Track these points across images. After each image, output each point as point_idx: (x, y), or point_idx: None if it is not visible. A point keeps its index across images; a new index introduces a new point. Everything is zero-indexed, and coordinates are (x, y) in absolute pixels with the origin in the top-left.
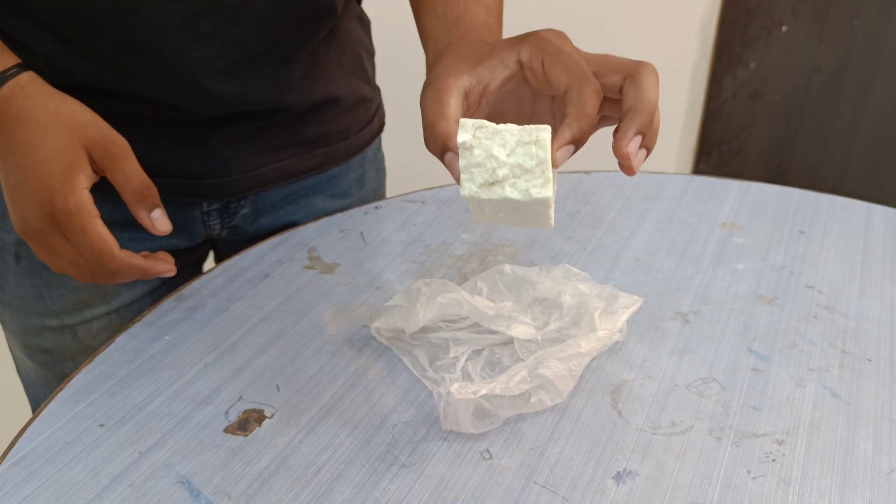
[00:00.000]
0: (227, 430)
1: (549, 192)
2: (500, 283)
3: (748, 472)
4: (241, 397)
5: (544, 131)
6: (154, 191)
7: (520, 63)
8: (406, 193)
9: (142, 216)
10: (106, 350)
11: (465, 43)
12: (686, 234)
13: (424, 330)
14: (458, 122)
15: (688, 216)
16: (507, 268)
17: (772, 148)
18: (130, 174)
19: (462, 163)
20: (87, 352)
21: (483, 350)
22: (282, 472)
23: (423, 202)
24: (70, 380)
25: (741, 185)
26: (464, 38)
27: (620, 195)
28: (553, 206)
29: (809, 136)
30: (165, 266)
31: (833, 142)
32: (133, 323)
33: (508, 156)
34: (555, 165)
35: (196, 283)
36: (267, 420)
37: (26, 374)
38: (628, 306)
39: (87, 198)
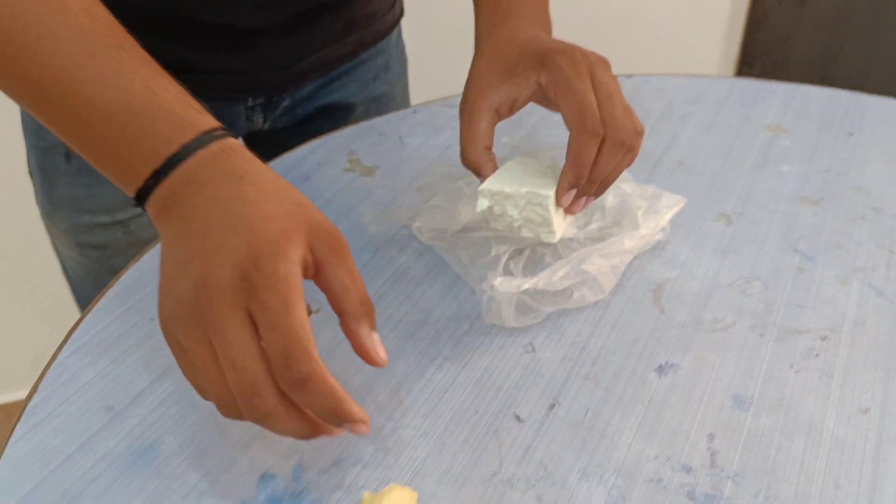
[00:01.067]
0: None
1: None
2: None
3: (790, 366)
4: None
5: (546, 197)
6: (373, 305)
7: (539, 84)
8: (444, 98)
9: (363, 333)
10: (152, 250)
11: (497, 46)
12: (729, 136)
13: (466, 229)
14: (488, 149)
15: (731, 119)
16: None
17: (817, 58)
18: (357, 275)
19: (486, 215)
20: (138, 245)
21: (525, 249)
22: (329, 364)
23: None
24: (119, 278)
25: (787, 88)
26: (504, 24)
27: (662, 99)
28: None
29: (857, 46)
30: (361, 415)
31: (882, 51)
32: None
33: (521, 213)
34: (559, 205)
35: None
36: (313, 314)
37: (75, 274)
38: (671, 206)
39: (298, 271)
